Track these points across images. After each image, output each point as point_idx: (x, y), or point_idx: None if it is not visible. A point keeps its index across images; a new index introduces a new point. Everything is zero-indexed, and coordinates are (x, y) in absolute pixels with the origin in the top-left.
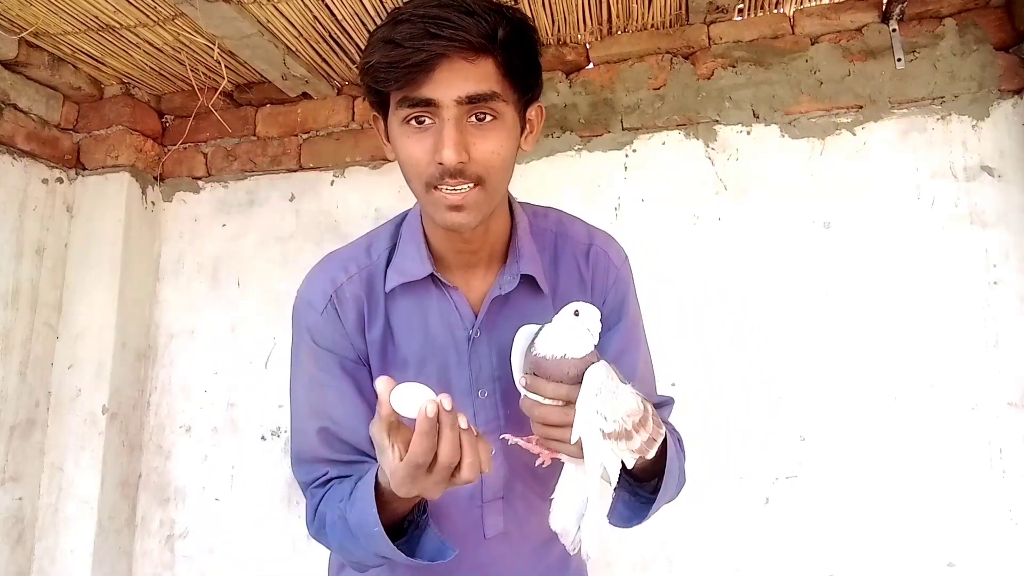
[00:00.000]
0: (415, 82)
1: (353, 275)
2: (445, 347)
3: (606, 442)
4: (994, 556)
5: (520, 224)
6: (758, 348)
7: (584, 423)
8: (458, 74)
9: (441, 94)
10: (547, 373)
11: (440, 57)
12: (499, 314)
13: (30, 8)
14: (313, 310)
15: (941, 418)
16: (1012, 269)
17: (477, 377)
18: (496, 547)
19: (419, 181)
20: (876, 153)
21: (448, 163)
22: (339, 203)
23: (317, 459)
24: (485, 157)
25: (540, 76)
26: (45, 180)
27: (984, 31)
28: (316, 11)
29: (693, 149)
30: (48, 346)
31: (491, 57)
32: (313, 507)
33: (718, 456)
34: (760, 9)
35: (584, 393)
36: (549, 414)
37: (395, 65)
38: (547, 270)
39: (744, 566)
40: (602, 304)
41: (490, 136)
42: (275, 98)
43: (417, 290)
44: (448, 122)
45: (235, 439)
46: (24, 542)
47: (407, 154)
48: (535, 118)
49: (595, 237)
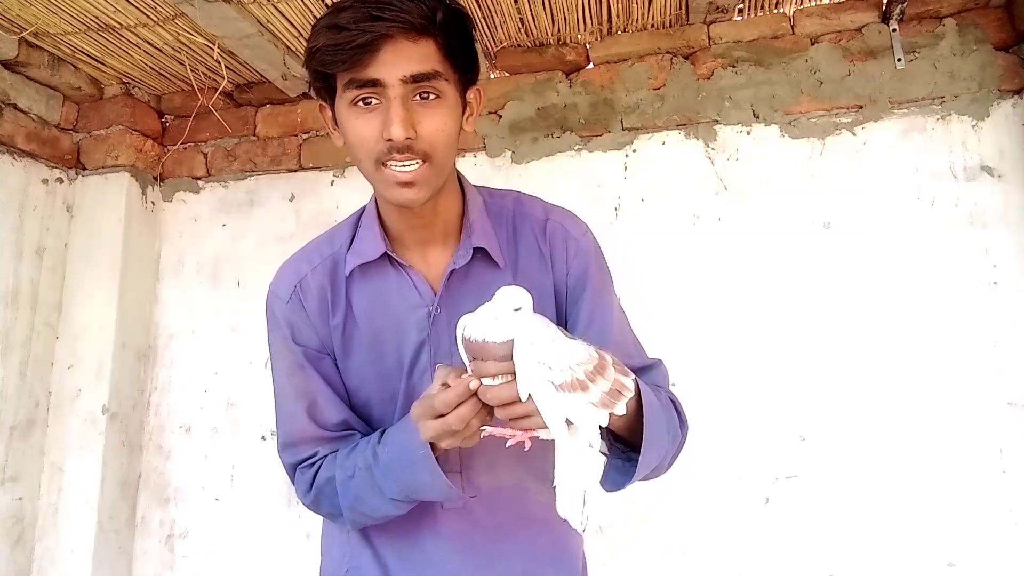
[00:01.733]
0: (361, 63)
1: (316, 265)
2: (406, 325)
3: (560, 394)
4: (994, 556)
5: (472, 202)
6: (758, 348)
7: (528, 376)
8: (402, 54)
9: (386, 74)
10: (483, 354)
11: (384, 38)
12: (459, 290)
13: (30, 8)
14: (280, 301)
15: (941, 418)
16: (1012, 269)
17: (436, 352)
18: (455, 519)
19: (369, 160)
20: (876, 153)
21: (396, 139)
22: (339, 203)
23: (306, 439)
24: (430, 133)
25: (477, 59)
26: (45, 180)
27: (984, 31)
28: (316, 11)
29: (693, 149)
30: (48, 346)
31: (432, 38)
32: (308, 480)
33: (718, 456)
34: (760, 9)
35: (518, 345)
36: (501, 392)
37: (341, 47)
38: (505, 247)
39: (744, 566)
40: (565, 276)
41: (434, 113)
42: (275, 98)
43: (376, 272)
44: (394, 100)
45: (235, 439)
46: (24, 542)
47: (356, 134)
48: (474, 100)
49: (551, 212)
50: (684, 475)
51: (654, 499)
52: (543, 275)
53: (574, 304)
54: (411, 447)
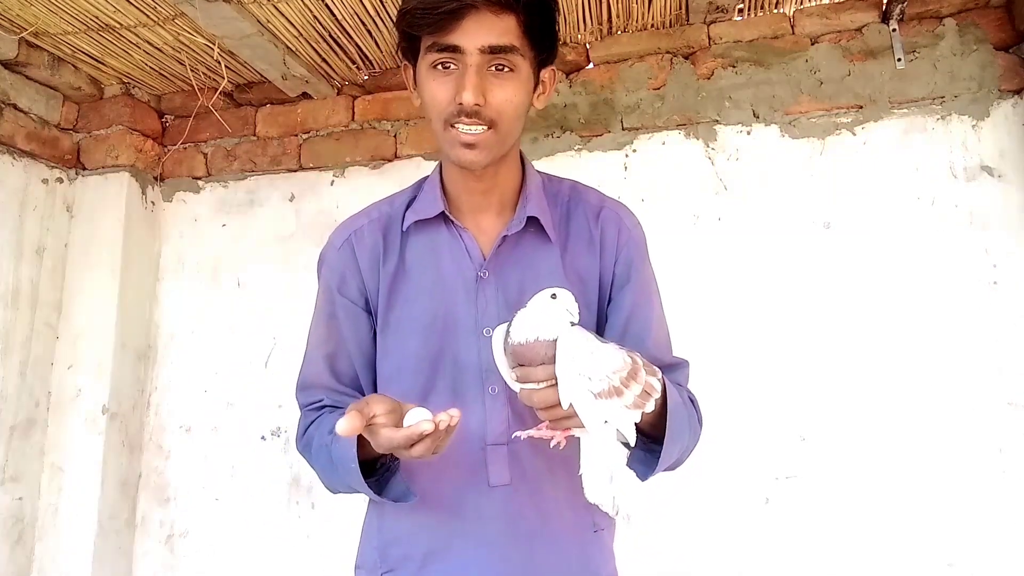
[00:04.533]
0: (445, 29)
1: (374, 219)
2: (454, 285)
3: (599, 402)
4: (994, 556)
5: (531, 177)
6: (758, 348)
7: (569, 387)
8: (483, 25)
9: (467, 41)
10: (528, 359)
11: (469, 7)
12: (509, 257)
13: (30, 8)
14: (333, 248)
15: (941, 418)
16: (1012, 269)
17: (483, 316)
18: (501, 500)
19: (439, 119)
20: (876, 153)
21: (467, 104)
22: (339, 203)
23: (319, 385)
24: (499, 103)
25: (556, 40)
26: (45, 180)
27: (984, 31)
28: (316, 11)
29: (693, 149)
30: (48, 346)
31: (514, 15)
32: (304, 426)
33: (718, 456)
34: (760, 9)
35: (560, 358)
36: (548, 397)
37: (429, 11)
38: (558, 225)
39: (744, 566)
40: (613, 263)
41: (506, 85)
42: (275, 98)
43: (431, 230)
44: (470, 68)
45: (235, 439)
46: (24, 542)
47: (431, 95)
48: (548, 80)
49: (606, 201)
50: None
51: (653, 499)
52: (590, 258)
53: (619, 291)
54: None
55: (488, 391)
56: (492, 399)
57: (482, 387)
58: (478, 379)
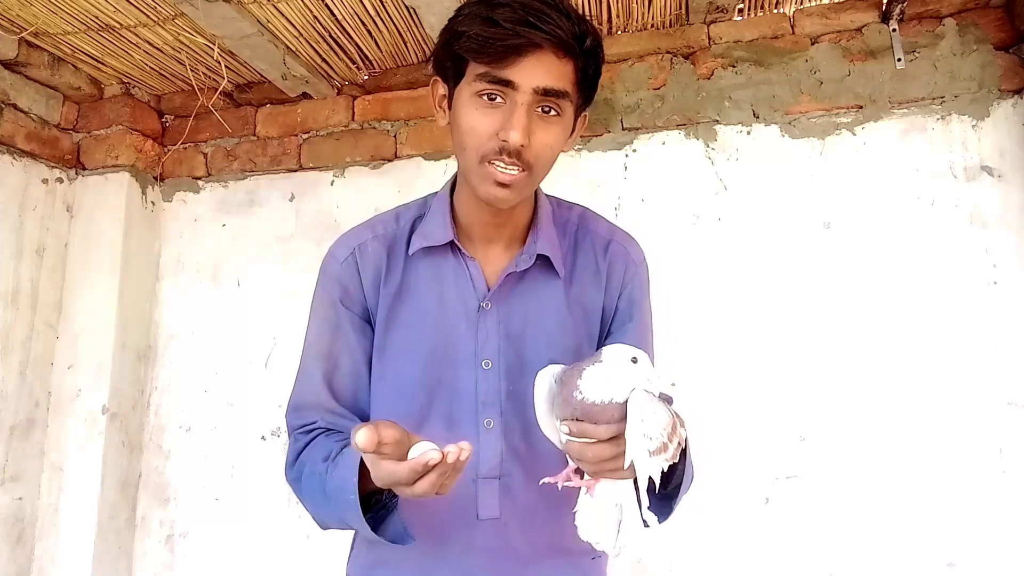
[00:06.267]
0: (503, 62)
1: (379, 235)
2: (455, 314)
3: (652, 458)
4: (994, 556)
5: (543, 209)
6: (758, 348)
7: (635, 449)
8: (543, 65)
9: (523, 79)
10: (596, 417)
11: (534, 46)
12: (512, 291)
13: (30, 8)
14: (335, 260)
15: (941, 418)
16: (1012, 269)
17: (483, 347)
18: (490, 533)
19: (475, 151)
20: (876, 153)
21: (512, 143)
22: (339, 203)
23: (314, 404)
24: (541, 147)
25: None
26: (45, 180)
27: (984, 31)
28: (316, 11)
29: (693, 149)
30: (48, 346)
31: (573, 60)
32: (296, 452)
33: (718, 456)
34: (760, 9)
35: (632, 422)
36: (603, 452)
37: (491, 42)
38: (565, 257)
39: (744, 566)
40: (617, 297)
41: (550, 129)
42: (275, 98)
43: (436, 256)
44: (520, 106)
45: (235, 439)
46: (24, 542)
47: (470, 125)
48: (579, 124)
49: (615, 233)
50: None
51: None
52: (595, 290)
53: (619, 327)
54: (345, 488)
55: (483, 424)
56: (487, 432)
57: (477, 419)
58: (473, 411)
